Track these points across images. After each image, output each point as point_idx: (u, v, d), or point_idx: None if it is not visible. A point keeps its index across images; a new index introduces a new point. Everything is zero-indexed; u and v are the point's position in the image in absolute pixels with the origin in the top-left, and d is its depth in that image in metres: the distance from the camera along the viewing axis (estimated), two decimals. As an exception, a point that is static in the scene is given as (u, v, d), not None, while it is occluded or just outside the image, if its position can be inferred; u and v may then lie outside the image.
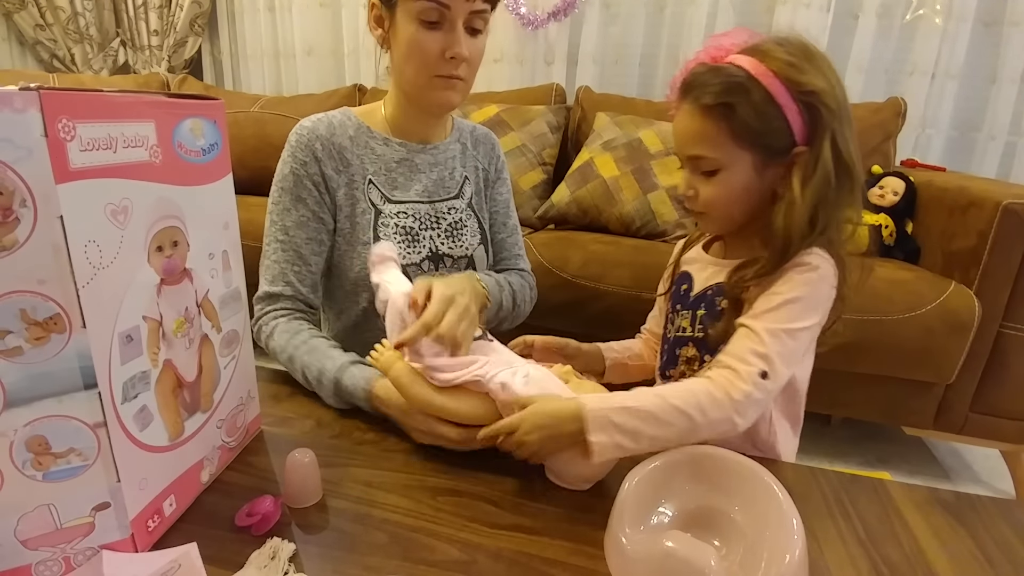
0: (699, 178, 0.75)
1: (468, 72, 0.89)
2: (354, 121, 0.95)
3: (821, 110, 0.68)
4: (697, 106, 0.71)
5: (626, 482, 0.58)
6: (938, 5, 2.10)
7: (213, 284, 0.62)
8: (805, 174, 0.69)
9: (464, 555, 0.57)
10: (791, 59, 0.68)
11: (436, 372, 0.68)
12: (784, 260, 0.70)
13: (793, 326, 0.68)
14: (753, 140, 0.70)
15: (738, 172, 0.72)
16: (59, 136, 0.42)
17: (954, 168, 2.15)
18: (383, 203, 0.93)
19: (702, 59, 0.74)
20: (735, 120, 0.69)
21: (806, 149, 0.69)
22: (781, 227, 0.69)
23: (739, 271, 0.75)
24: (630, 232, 1.89)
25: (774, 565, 0.51)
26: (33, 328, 0.43)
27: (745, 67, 0.69)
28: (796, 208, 0.69)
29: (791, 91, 0.68)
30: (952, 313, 1.45)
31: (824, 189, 0.69)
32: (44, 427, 0.45)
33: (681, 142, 0.76)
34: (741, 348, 0.68)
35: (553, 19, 2.45)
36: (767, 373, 0.66)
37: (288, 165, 0.91)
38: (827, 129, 0.68)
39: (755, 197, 0.74)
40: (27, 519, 0.47)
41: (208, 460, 0.64)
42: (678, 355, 0.82)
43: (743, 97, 0.68)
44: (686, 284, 0.85)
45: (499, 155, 1.09)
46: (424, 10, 0.82)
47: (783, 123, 0.69)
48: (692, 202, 0.77)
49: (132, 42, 3.01)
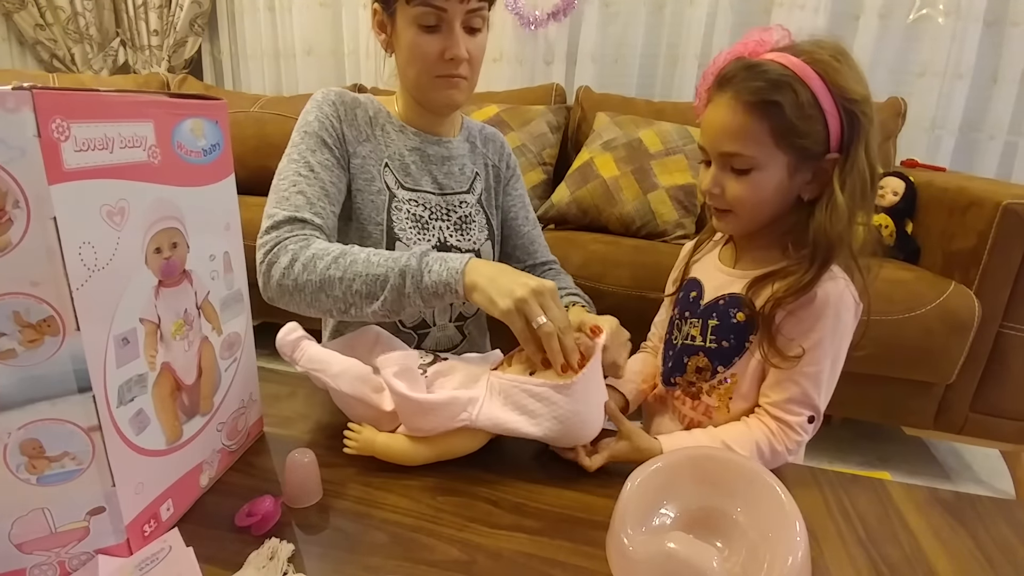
0: (728, 175, 0.72)
1: (470, 70, 0.90)
2: (374, 104, 0.97)
3: (861, 119, 0.67)
4: (738, 101, 0.69)
5: (628, 483, 0.57)
6: (940, 5, 2.10)
7: (214, 286, 0.62)
8: (843, 180, 0.68)
9: (464, 555, 0.57)
10: (835, 62, 0.67)
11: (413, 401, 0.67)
12: (824, 269, 0.69)
13: (828, 364, 0.72)
14: (792, 142, 0.68)
15: (772, 173, 0.70)
16: (52, 136, 0.41)
17: (955, 168, 2.15)
18: (397, 188, 0.94)
19: (739, 53, 0.72)
20: (778, 119, 0.67)
21: (838, 156, 0.69)
22: (823, 231, 0.68)
23: (762, 282, 0.73)
24: (630, 232, 1.89)
25: (776, 567, 0.50)
26: (26, 330, 0.43)
27: (789, 66, 0.67)
28: (839, 211, 0.68)
29: (835, 96, 0.67)
30: (952, 313, 1.44)
31: (860, 196, 0.68)
32: (38, 430, 0.45)
33: (714, 137, 0.72)
34: (787, 398, 0.72)
35: (553, 19, 2.45)
36: (814, 417, 0.73)
37: (312, 114, 0.90)
38: (863, 137, 0.68)
39: (782, 201, 0.73)
40: (21, 523, 0.47)
41: (208, 464, 0.63)
42: (686, 363, 0.81)
43: (789, 96, 0.66)
44: (695, 291, 0.83)
45: (509, 152, 1.11)
46: (421, 14, 0.83)
47: (823, 127, 0.67)
48: (717, 200, 0.74)
49: (132, 42, 3.01)
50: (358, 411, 0.72)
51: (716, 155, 0.73)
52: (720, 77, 0.72)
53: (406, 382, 0.67)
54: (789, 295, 0.70)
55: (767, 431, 0.72)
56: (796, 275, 0.70)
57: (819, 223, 0.68)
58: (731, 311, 0.76)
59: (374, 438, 0.69)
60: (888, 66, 2.19)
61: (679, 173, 1.90)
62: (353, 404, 0.71)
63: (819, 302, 0.70)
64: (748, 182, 0.71)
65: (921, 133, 2.21)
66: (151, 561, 0.46)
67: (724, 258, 0.83)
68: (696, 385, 0.80)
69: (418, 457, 0.69)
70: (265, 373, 0.87)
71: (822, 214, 0.69)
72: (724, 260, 0.83)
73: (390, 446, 0.69)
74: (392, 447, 0.69)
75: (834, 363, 0.72)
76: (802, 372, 0.71)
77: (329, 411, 0.81)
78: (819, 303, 0.70)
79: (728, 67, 0.71)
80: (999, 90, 2.16)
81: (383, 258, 0.75)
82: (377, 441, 0.69)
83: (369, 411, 0.71)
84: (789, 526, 0.52)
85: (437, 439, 0.69)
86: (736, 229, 0.78)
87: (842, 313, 0.71)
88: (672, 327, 0.87)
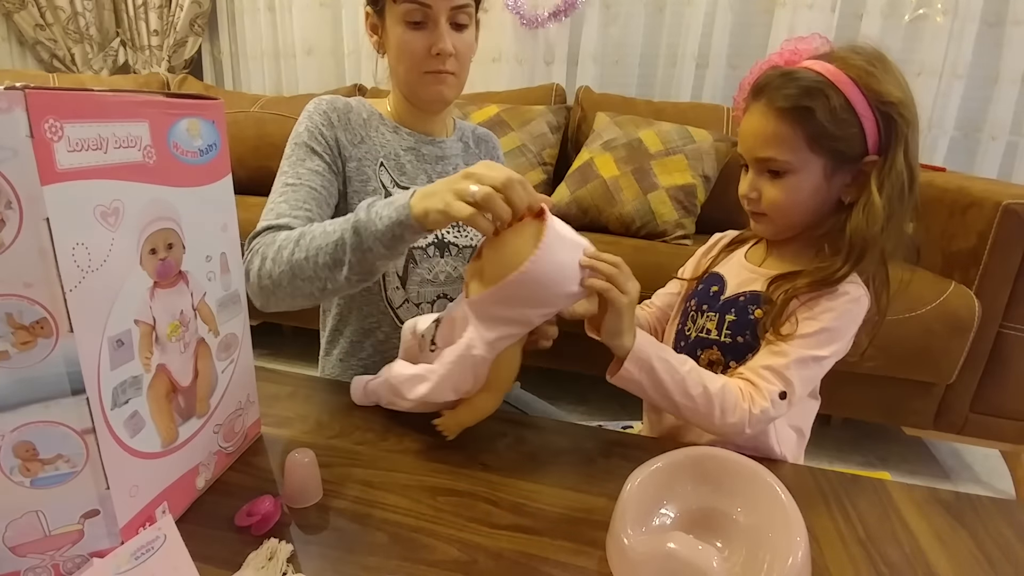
0: (765, 180, 0.74)
1: (457, 66, 0.91)
2: (367, 107, 0.98)
3: (898, 121, 0.68)
4: (772, 108, 0.71)
5: (628, 483, 0.57)
6: (938, 5, 2.09)
7: (210, 287, 0.61)
8: (880, 182, 0.69)
9: (464, 555, 0.56)
10: (869, 67, 0.68)
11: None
12: (854, 268, 0.71)
13: (821, 353, 0.72)
14: (827, 146, 0.70)
15: (808, 177, 0.72)
16: (45, 136, 0.41)
17: (956, 168, 2.15)
18: (393, 187, 0.95)
19: (775, 62, 0.74)
20: (812, 124, 0.69)
21: (877, 159, 0.69)
22: (859, 232, 0.69)
23: (785, 280, 0.74)
24: (630, 232, 1.89)
25: (777, 567, 0.50)
26: (19, 332, 0.43)
27: (823, 73, 0.69)
28: (876, 213, 0.68)
29: (869, 100, 0.68)
30: (952, 313, 1.44)
31: (897, 199, 0.69)
32: (31, 433, 0.45)
33: (751, 143, 0.75)
34: (767, 364, 0.72)
35: (553, 19, 2.45)
36: (786, 394, 0.71)
37: (303, 124, 0.92)
38: (901, 139, 0.68)
39: (819, 203, 0.74)
40: (15, 525, 0.46)
41: (204, 466, 0.63)
42: (699, 356, 0.81)
43: (821, 102, 0.68)
44: (716, 286, 0.84)
45: (500, 155, 1.12)
46: (407, 11, 0.86)
47: (858, 131, 0.69)
48: (755, 204, 0.76)
49: (132, 42, 3.01)
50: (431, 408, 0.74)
51: (752, 160, 0.75)
52: (756, 86, 0.74)
53: (420, 384, 0.69)
54: (808, 287, 0.71)
55: (737, 384, 0.72)
56: (825, 272, 0.71)
57: (856, 224, 0.70)
58: (750, 307, 0.77)
59: (455, 417, 0.71)
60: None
61: (679, 173, 1.90)
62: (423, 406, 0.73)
63: (833, 296, 0.71)
64: (783, 186, 0.73)
65: (927, 134, 2.21)
66: (146, 551, 0.45)
67: (752, 257, 0.84)
68: None
69: (490, 404, 0.71)
70: (264, 373, 0.87)
71: (859, 215, 0.70)
72: (751, 258, 0.84)
73: (468, 413, 0.71)
74: (469, 412, 0.71)
75: (824, 357, 0.72)
76: (790, 350, 0.72)
77: (328, 411, 0.81)
78: (833, 296, 0.71)
79: (763, 76, 0.74)
80: (1000, 90, 2.16)
81: (336, 224, 0.74)
82: (458, 417, 0.71)
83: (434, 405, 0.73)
84: (789, 526, 0.52)
85: (490, 381, 0.69)
86: (773, 232, 0.79)
87: (851, 316, 0.72)
88: (686, 318, 0.87)
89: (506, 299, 0.65)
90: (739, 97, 0.78)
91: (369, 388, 0.80)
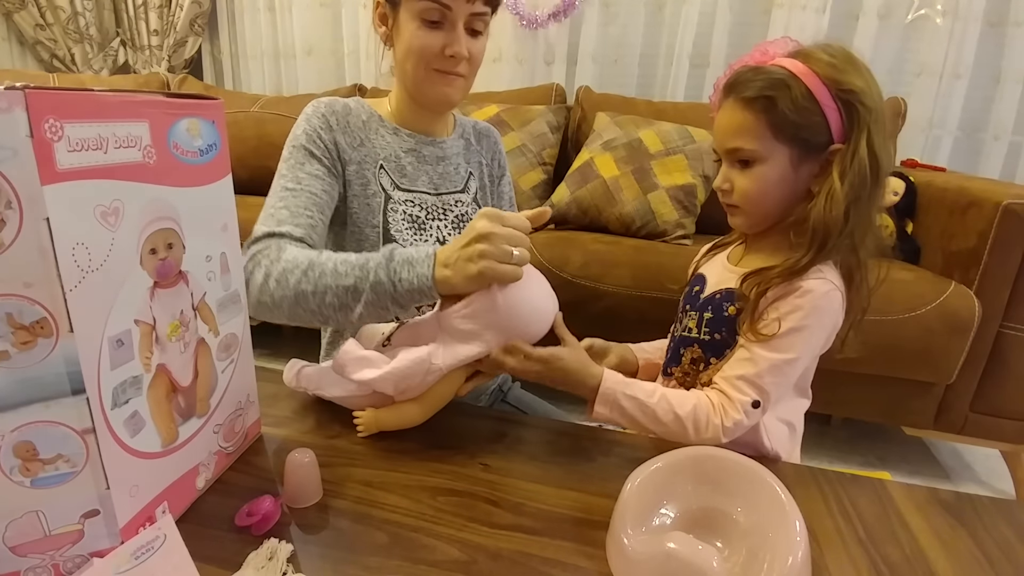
0: (736, 171, 0.77)
1: (468, 70, 0.91)
2: (366, 108, 0.97)
3: (859, 108, 0.70)
4: (739, 100, 0.74)
5: (628, 483, 0.57)
6: (938, 5, 2.09)
7: (210, 287, 0.61)
8: (842, 169, 0.71)
9: (464, 555, 0.56)
10: (832, 60, 0.71)
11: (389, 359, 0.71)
12: (818, 256, 0.72)
13: (792, 356, 0.73)
14: (791, 134, 0.72)
15: (775, 166, 0.74)
16: (45, 136, 0.41)
17: (958, 168, 2.15)
18: (393, 189, 0.94)
19: (747, 62, 0.77)
20: (775, 113, 0.71)
21: (843, 147, 0.71)
22: (820, 218, 0.71)
23: (756, 275, 0.75)
24: (630, 232, 1.89)
25: (776, 567, 0.50)
26: (19, 332, 0.43)
27: (788, 67, 0.72)
28: (836, 198, 0.70)
29: (830, 89, 0.70)
30: (952, 313, 1.44)
31: (859, 186, 0.70)
32: (31, 433, 0.45)
33: (722, 136, 0.77)
34: (740, 374, 0.74)
35: (553, 19, 2.45)
36: (759, 403, 0.73)
37: (301, 127, 0.91)
38: (864, 127, 0.70)
39: (789, 193, 0.75)
40: (15, 525, 0.46)
41: (204, 466, 0.63)
42: (682, 355, 0.84)
43: (783, 92, 0.71)
44: (699, 286, 0.86)
45: (500, 150, 1.11)
46: (426, 9, 0.84)
47: (821, 119, 0.71)
48: (728, 196, 0.79)
49: (132, 42, 3.01)
50: (355, 403, 0.77)
51: (724, 153, 0.78)
52: (727, 84, 0.77)
53: (367, 368, 0.71)
54: (778, 277, 0.73)
55: (708, 402, 0.74)
56: (791, 263, 0.73)
57: (817, 210, 0.71)
58: (724, 304, 0.79)
59: (376, 415, 0.75)
60: (886, 66, 2.19)
61: (679, 173, 1.90)
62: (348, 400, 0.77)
63: (800, 293, 0.72)
64: (752, 175, 0.75)
65: (918, 133, 2.21)
66: (146, 550, 0.45)
67: (732, 256, 0.87)
68: (690, 376, 0.83)
69: (417, 416, 0.74)
70: (264, 373, 0.87)
71: (820, 202, 0.71)
72: (732, 258, 0.86)
73: (392, 416, 0.75)
74: (394, 416, 0.75)
75: (795, 358, 0.74)
76: (761, 356, 0.73)
77: (328, 411, 0.81)
78: (800, 294, 0.72)
79: (734, 74, 0.77)
80: (1002, 90, 2.16)
81: (349, 266, 0.74)
82: (380, 416, 0.75)
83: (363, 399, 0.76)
84: (789, 526, 0.52)
85: (425, 395, 0.73)
86: (748, 224, 0.81)
87: (820, 312, 0.73)
88: (677, 320, 0.90)
89: (473, 314, 0.70)
90: (714, 97, 0.81)
91: (303, 374, 0.81)
